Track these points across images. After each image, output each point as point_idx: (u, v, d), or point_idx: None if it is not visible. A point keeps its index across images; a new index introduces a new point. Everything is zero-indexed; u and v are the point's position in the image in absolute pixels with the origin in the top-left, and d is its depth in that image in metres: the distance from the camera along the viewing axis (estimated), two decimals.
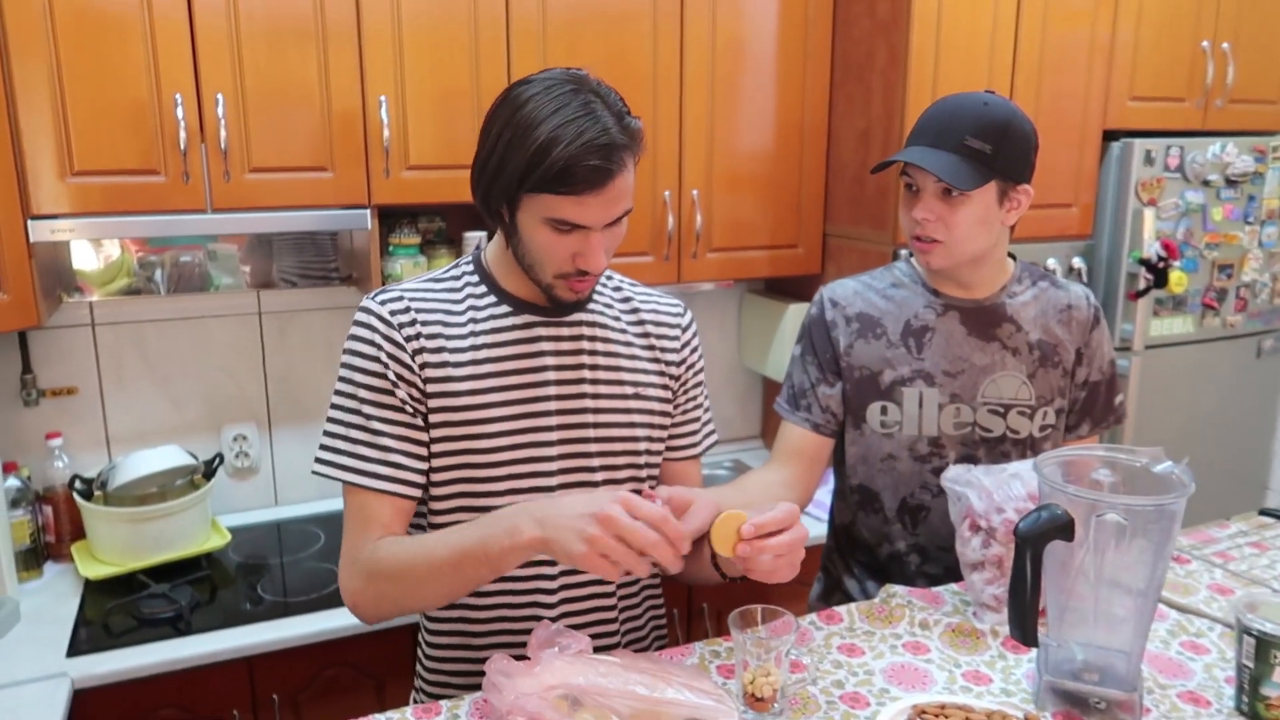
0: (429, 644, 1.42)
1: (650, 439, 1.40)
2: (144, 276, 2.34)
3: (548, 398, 1.32)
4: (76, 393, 2.28)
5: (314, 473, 1.31)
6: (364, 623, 1.32)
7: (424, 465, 1.30)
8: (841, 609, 1.44)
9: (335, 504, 2.50)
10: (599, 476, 1.35)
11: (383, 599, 1.25)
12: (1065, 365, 1.61)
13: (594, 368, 1.35)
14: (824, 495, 2.57)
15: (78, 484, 2.11)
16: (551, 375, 1.32)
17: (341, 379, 1.30)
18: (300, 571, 2.18)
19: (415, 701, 1.45)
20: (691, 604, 2.29)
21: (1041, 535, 1.14)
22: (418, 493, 1.30)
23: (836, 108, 2.58)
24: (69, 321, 2.26)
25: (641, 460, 1.40)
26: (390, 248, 2.27)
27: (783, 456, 1.66)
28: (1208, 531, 1.74)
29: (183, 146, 1.95)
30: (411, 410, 1.28)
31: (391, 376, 1.27)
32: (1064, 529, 1.14)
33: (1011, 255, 1.65)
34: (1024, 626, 1.17)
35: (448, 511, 1.32)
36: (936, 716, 1.12)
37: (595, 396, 1.35)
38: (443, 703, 1.22)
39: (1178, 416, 2.80)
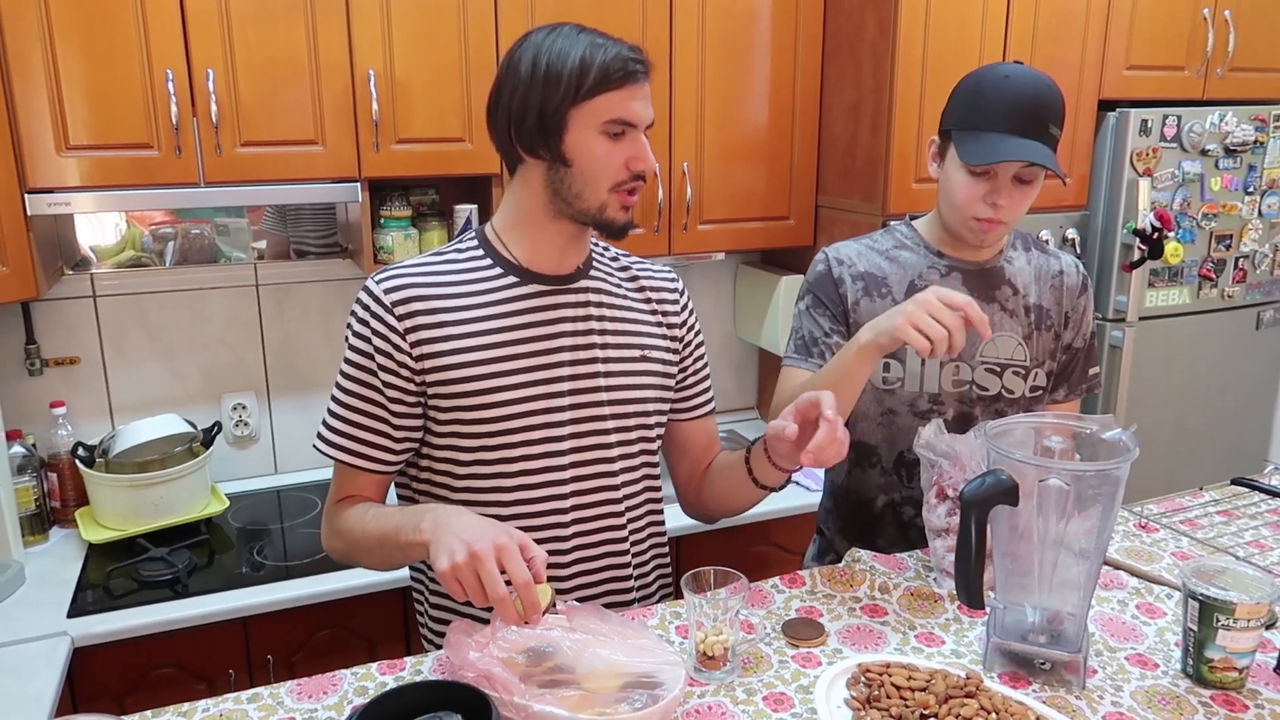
0: (430, 599, 1.45)
1: (659, 400, 1.46)
2: (155, 250, 2.40)
3: (560, 364, 1.36)
4: (79, 363, 2.34)
5: (314, 446, 1.39)
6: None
7: (402, 444, 1.36)
8: (804, 573, 1.47)
9: (331, 472, 2.56)
10: (613, 438, 1.40)
11: (340, 552, 1.39)
12: (1056, 329, 1.66)
13: (603, 333, 1.40)
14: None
15: (80, 451, 2.17)
16: (566, 342, 1.36)
17: (343, 357, 1.36)
18: (298, 537, 2.24)
19: (427, 647, 1.50)
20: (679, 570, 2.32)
21: (986, 500, 1.16)
22: (391, 468, 1.37)
23: (828, 80, 2.58)
24: (71, 293, 2.32)
25: (651, 421, 1.45)
26: (381, 220, 2.31)
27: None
28: (1179, 500, 1.75)
29: (175, 121, 1.99)
30: (394, 392, 1.32)
31: (379, 360, 1.31)
32: (1008, 493, 1.16)
33: None
34: (970, 590, 1.20)
35: (465, 477, 1.36)
36: (880, 674, 1.15)
37: (606, 360, 1.39)
38: (407, 659, 1.26)
39: (1173, 389, 2.79)
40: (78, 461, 2.17)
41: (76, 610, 1.90)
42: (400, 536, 1.22)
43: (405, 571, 2.02)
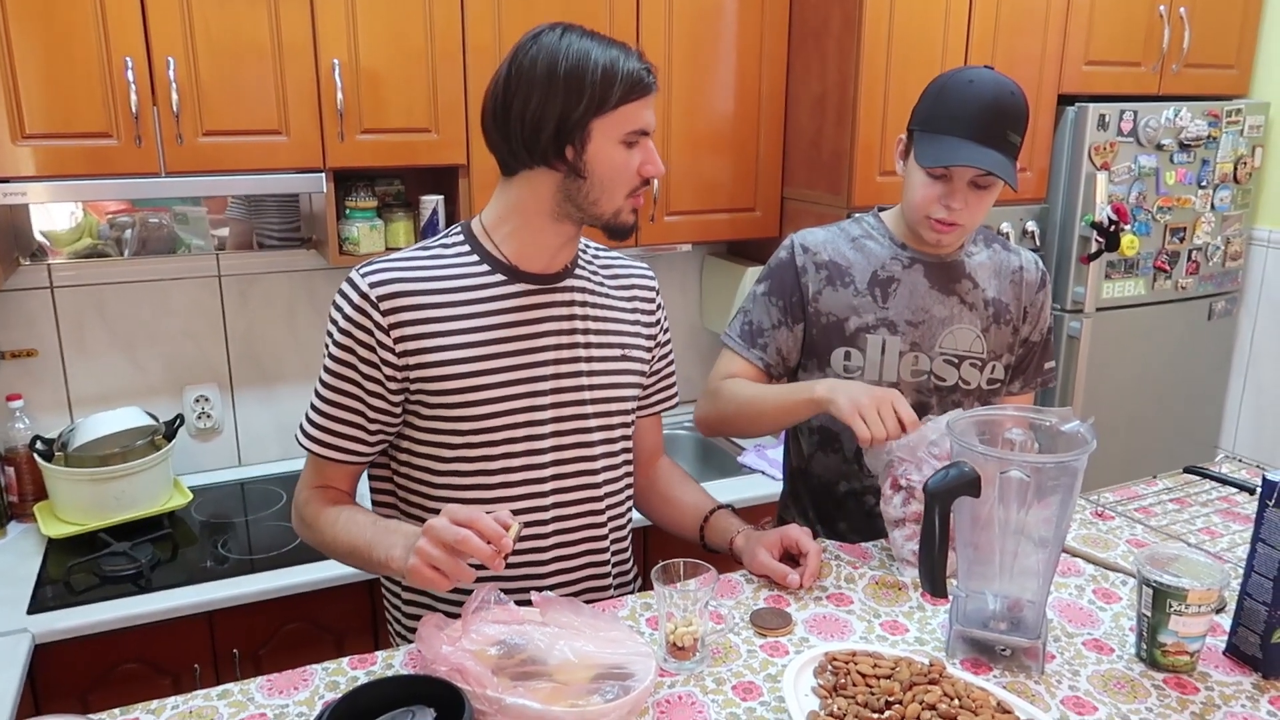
0: (410, 590, 1.45)
1: (637, 398, 1.49)
2: (112, 238, 2.36)
3: (544, 363, 1.36)
4: (36, 355, 2.30)
5: (295, 437, 1.40)
6: None
7: (376, 437, 1.36)
8: None
9: (298, 464, 2.51)
10: (596, 435, 1.42)
11: (311, 543, 1.39)
12: (1014, 324, 1.69)
13: (586, 331, 1.40)
14: (776, 454, 2.63)
15: (39, 445, 2.14)
16: (550, 341, 1.37)
17: (325, 347, 1.35)
18: (263, 530, 2.22)
19: (395, 644, 1.50)
20: (648, 560, 2.34)
21: (949, 491, 1.19)
22: (362, 459, 1.38)
23: (794, 73, 2.60)
24: (27, 284, 2.28)
25: (630, 419, 1.48)
26: (347, 211, 2.29)
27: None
28: (1134, 488, 1.80)
29: (134, 109, 1.96)
30: (373, 387, 1.31)
31: (360, 354, 1.30)
32: (971, 485, 1.19)
33: None
34: (933, 579, 1.23)
35: (445, 473, 1.36)
36: (847, 663, 1.18)
37: (589, 360, 1.40)
38: (378, 654, 1.26)
39: (1129, 378, 2.86)
40: (36, 455, 2.13)
41: (37, 606, 1.87)
42: (372, 554, 1.23)
43: None
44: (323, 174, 2.15)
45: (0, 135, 1.90)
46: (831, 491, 1.73)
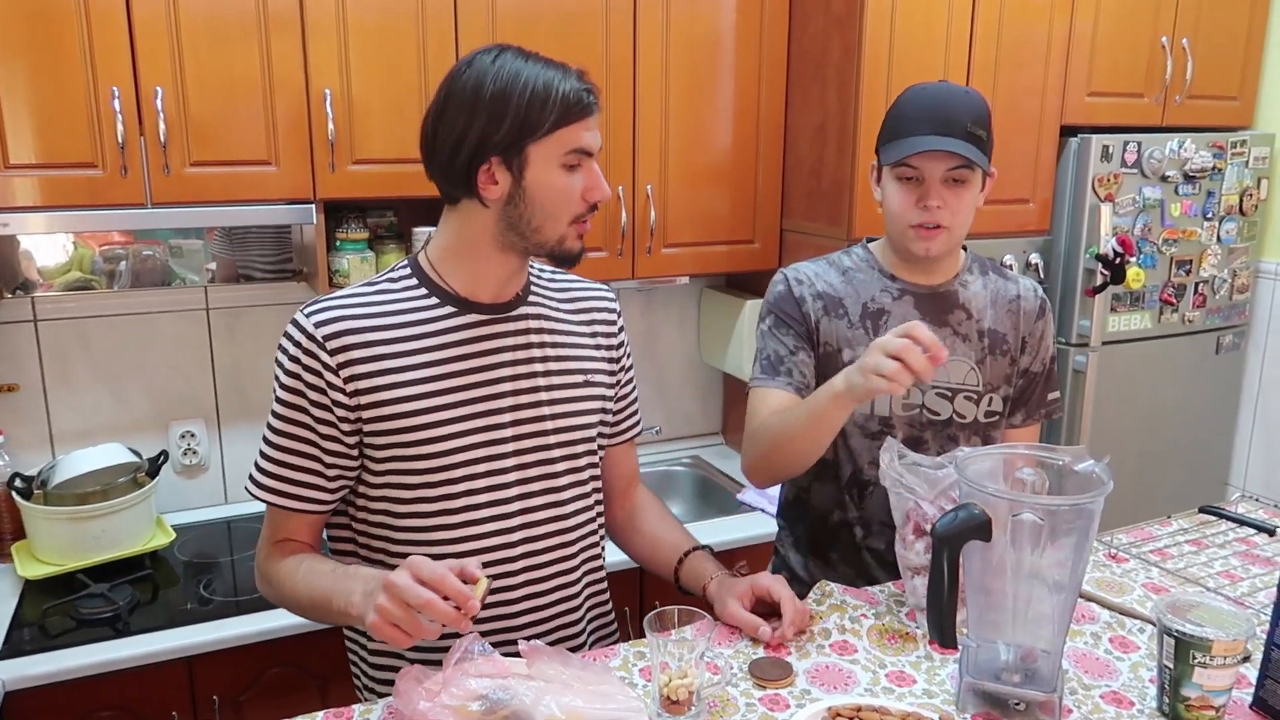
0: (368, 645, 1.39)
1: (602, 424, 1.43)
2: (105, 271, 2.31)
3: (502, 394, 1.31)
4: (18, 390, 2.25)
5: (245, 489, 1.33)
6: None
7: (336, 484, 1.30)
8: None
9: None
10: (561, 467, 1.36)
11: (274, 599, 1.34)
12: (1012, 354, 1.64)
13: (544, 359, 1.35)
14: (774, 492, 2.56)
15: (18, 482, 2.08)
16: (506, 372, 1.31)
17: (273, 391, 1.29)
18: (247, 570, 2.14)
19: (362, 699, 1.43)
20: (644, 603, 2.27)
21: (958, 535, 1.13)
22: (324, 508, 1.32)
23: (793, 103, 2.57)
24: (10, 317, 2.23)
25: (595, 446, 1.42)
26: (337, 243, 2.24)
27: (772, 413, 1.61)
28: (1148, 529, 1.73)
29: (120, 140, 1.92)
30: (326, 430, 1.26)
31: (310, 397, 1.25)
32: (981, 529, 1.13)
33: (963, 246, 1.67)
34: (942, 628, 1.16)
35: (406, 516, 1.31)
36: (851, 718, 1.11)
37: (549, 388, 1.35)
38: (355, 707, 1.20)
39: (1136, 413, 2.80)
40: (14, 493, 2.07)
41: (9, 651, 1.80)
42: (331, 604, 1.18)
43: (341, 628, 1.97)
44: (313, 205, 2.11)
45: None
46: (825, 521, 1.68)
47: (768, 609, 1.37)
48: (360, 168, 2.15)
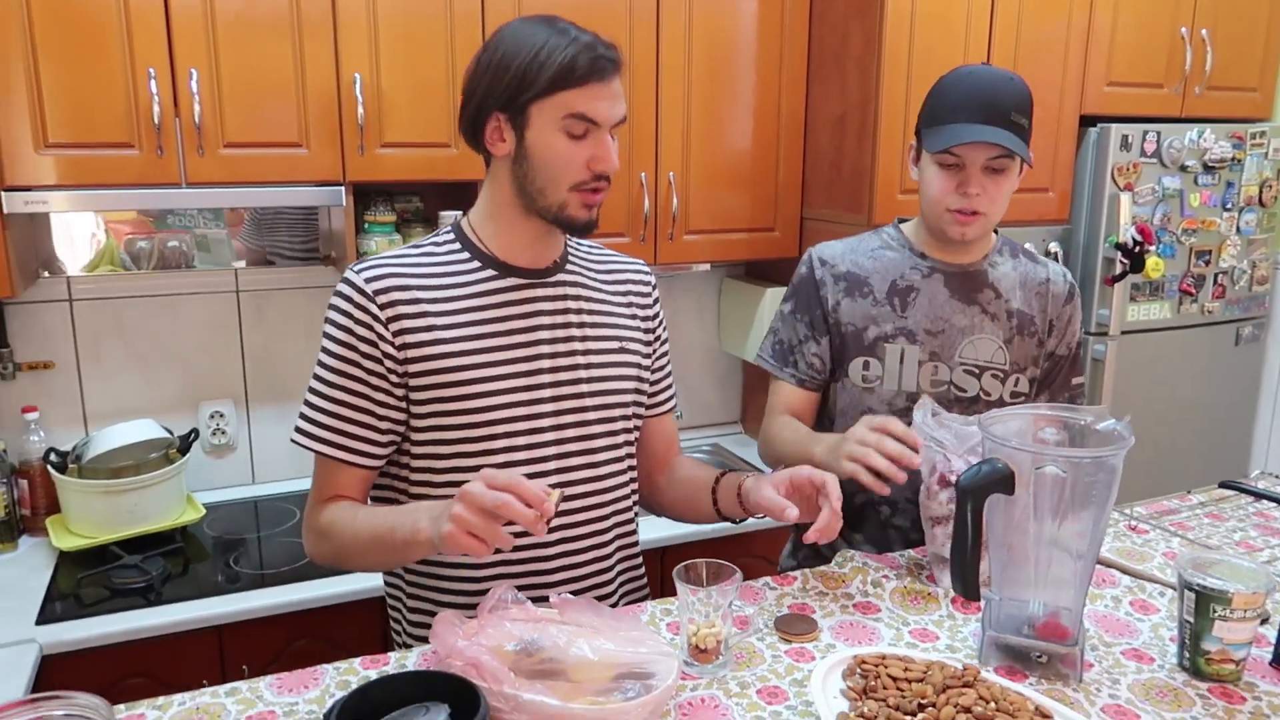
0: (409, 596, 1.42)
1: (637, 390, 1.45)
2: (129, 261, 2.37)
3: (540, 356, 1.34)
4: (53, 368, 2.30)
5: (291, 439, 1.35)
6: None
7: (386, 436, 1.33)
8: (795, 572, 1.45)
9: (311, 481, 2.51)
10: (596, 429, 1.39)
11: (326, 555, 1.34)
12: (1040, 336, 1.66)
13: (581, 325, 1.39)
14: None
15: (53, 457, 2.12)
16: (544, 334, 1.35)
17: (321, 348, 1.33)
18: (275, 546, 2.19)
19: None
20: (664, 584, 2.29)
21: (982, 488, 1.15)
22: (376, 462, 1.34)
23: (813, 93, 2.59)
24: (46, 297, 2.28)
25: (631, 411, 1.44)
26: (366, 225, 2.29)
27: (783, 411, 1.70)
28: (1166, 503, 1.75)
29: (157, 121, 1.97)
30: (377, 382, 1.29)
31: (362, 349, 1.29)
32: (1005, 482, 1.15)
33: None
34: (965, 579, 1.18)
35: (446, 471, 1.33)
36: (876, 665, 1.13)
37: (586, 352, 1.38)
38: (391, 654, 1.23)
39: (1155, 402, 2.80)
40: (50, 467, 2.12)
41: (46, 617, 1.84)
42: (396, 535, 1.20)
43: (383, 580, 2.01)
44: (342, 187, 2.15)
45: (23, 144, 1.91)
46: (849, 502, 1.69)
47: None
48: (388, 151, 2.19)
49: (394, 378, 1.29)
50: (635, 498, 1.50)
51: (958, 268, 1.64)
